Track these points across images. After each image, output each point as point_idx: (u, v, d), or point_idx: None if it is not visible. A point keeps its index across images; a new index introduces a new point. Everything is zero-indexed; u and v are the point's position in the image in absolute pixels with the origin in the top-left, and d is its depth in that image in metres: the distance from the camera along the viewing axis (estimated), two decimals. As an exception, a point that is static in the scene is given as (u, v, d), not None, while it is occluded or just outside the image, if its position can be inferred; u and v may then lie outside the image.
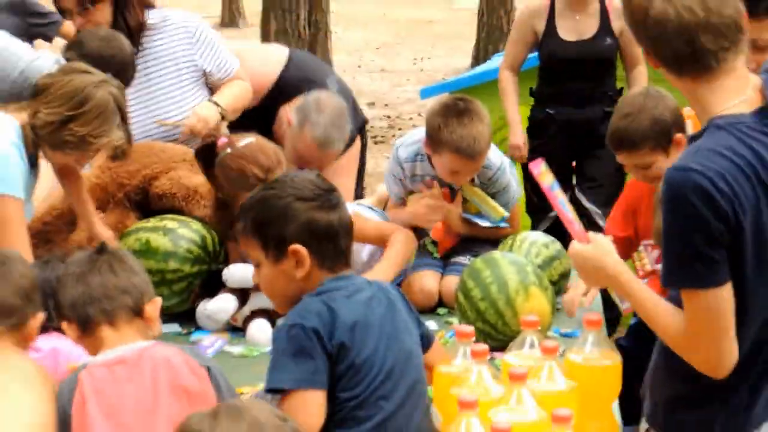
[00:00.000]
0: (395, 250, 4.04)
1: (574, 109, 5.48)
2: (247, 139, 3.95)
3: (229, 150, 3.90)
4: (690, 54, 2.40)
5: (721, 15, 2.40)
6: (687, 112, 3.81)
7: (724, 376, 2.43)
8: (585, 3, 5.57)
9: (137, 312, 2.78)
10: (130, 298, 2.76)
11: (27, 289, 2.82)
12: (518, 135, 5.73)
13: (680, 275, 2.41)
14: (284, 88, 5.02)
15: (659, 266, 3.67)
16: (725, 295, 2.38)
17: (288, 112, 4.51)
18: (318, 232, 2.84)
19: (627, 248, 3.95)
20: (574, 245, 2.68)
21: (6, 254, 2.93)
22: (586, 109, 3.86)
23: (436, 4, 22.63)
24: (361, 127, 5.36)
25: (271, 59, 5.21)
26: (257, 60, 5.04)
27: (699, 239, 2.34)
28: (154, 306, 2.82)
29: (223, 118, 4.50)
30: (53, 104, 3.52)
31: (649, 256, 3.83)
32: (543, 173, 2.83)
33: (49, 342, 2.96)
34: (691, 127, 3.76)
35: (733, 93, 2.44)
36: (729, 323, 2.39)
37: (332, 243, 2.87)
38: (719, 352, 2.41)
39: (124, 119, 3.64)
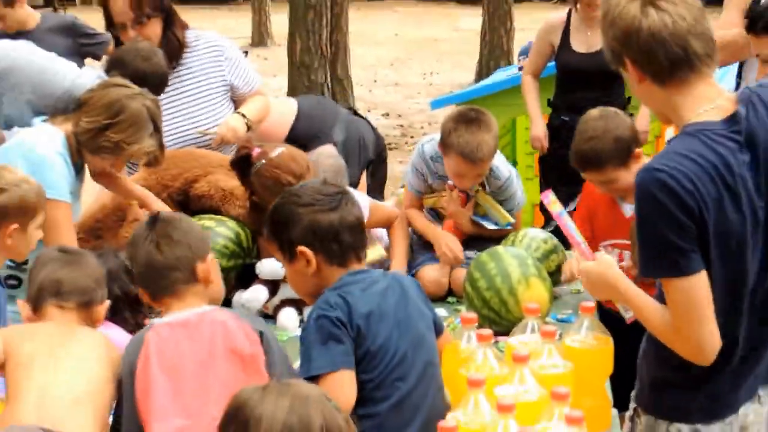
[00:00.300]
0: (399, 241, 4.05)
1: None
2: (278, 149, 3.96)
3: (263, 161, 3.91)
4: (683, 57, 2.41)
5: (703, 25, 2.43)
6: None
7: (709, 362, 2.42)
8: (596, 19, 5.54)
9: (192, 279, 2.79)
10: (179, 272, 2.78)
11: (98, 278, 2.92)
12: (539, 128, 5.76)
13: (656, 265, 2.41)
14: (295, 142, 4.98)
15: (623, 263, 3.67)
16: (700, 283, 2.37)
17: None
18: (320, 232, 2.86)
19: None
20: (582, 263, 2.75)
21: (81, 250, 3.05)
22: None
23: (442, 24, 22.60)
24: (372, 160, 5.32)
25: (284, 113, 5.14)
26: (272, 114, 4.93)
27: (669, 231, 2.34)
28: (204, 266, 2.81)
29: (249, 128, 4.50)
30: (92, 114, 3.55)
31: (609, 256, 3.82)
32: (552, 202, 3.00)
33: (102, 330, 2.99)
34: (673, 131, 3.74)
35: (706, 100, 2.44)
36: (707, 310, 2.38)
37: (335, 241, 2.87)
38: (700, 338, 2.40)
39: (157, 129, 3.65)
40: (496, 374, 2.76)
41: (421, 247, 4.33)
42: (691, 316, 2.38)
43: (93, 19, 6.27)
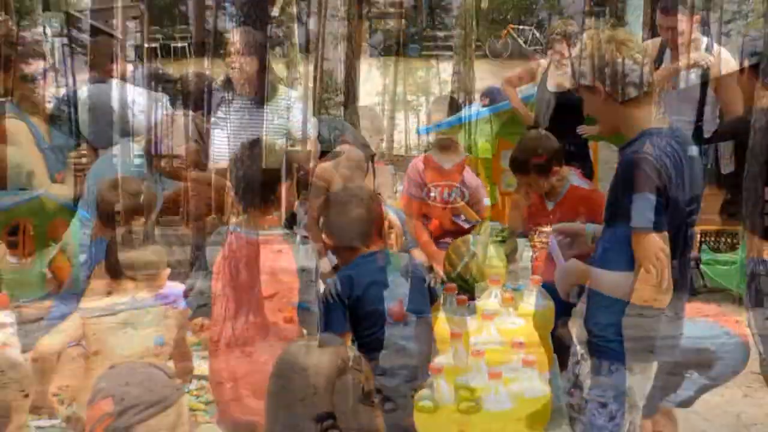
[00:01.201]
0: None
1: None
2: (311, 163, 3.97)
3: (302, 172, 3.89)
4: (640, 82, 2.45)
5: (649, 62, 2.48)
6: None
7: (665, 305, 2.36)
8: (565, 68, 5.33)
9: (272, 202, 2.73)
10: (258, 196, 2.71)
11: (160, 252, 2.92)
12: (524, 109, 5.48)
13: (640, 220, 2.35)
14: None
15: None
16: (666, 240, 2.34)
17: None
18: (332, 223, 2.80)
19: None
20: (558, 267, 2.63)
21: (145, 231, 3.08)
22: (564, 144, 3.89)
23: (424, 74, 22.56)
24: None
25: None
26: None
27: (650, 194, 2.33)
28: (286, 185, 2.78)
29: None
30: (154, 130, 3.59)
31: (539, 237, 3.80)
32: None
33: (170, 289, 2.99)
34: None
35: (652, 113, 2.49)
36: (667, 262, 2.34)
37: (342, 230, 2.79)
38: (665, 283, 2.33)
39: (200, 136, 3.63)
40: (470, 328, 2.73)
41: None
42: (663, 264, 2.32)
43: (171, 69, 6.24)
